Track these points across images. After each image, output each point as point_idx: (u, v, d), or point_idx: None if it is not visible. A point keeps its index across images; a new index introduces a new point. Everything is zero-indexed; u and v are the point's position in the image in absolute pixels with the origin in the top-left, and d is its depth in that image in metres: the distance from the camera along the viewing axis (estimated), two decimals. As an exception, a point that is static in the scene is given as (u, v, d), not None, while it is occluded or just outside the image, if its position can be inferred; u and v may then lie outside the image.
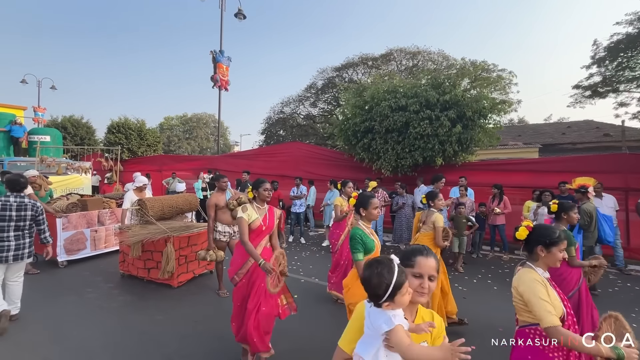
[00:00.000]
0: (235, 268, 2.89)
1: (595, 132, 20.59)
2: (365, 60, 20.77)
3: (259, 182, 3.01)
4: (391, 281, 1.17)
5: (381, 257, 1.25)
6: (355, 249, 2.43)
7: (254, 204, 2.97)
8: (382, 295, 1.18)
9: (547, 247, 1.78)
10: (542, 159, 8.55)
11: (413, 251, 1.37)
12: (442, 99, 7.26)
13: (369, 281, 1.21)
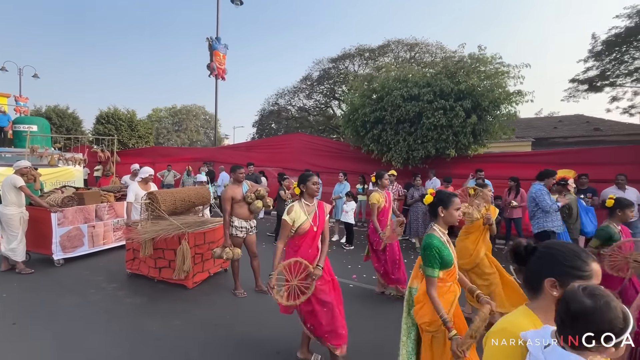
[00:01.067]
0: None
1: (586, 126, 20.91)
2: (362, 52, 20.40)
3: (306, 175, 2.72)
4: (628, 319, 0.84)
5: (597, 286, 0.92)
6: (430, 263, 1.97)
7: (302, 202, 2.67)
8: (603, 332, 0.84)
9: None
10: (556, 151, 8.46)
11: (579, 255, 1.05)
12: (456, 88, 7.03)
13: (593, 313, 0.85)
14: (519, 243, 1.16)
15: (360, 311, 3.87)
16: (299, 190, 2.71)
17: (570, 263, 1.05)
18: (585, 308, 0.86)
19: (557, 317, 0.92)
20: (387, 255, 4.15)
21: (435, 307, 1.93)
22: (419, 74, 7.87)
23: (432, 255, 1.96)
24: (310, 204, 2.70)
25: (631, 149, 6.82)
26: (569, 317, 0.88)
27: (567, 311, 0.89)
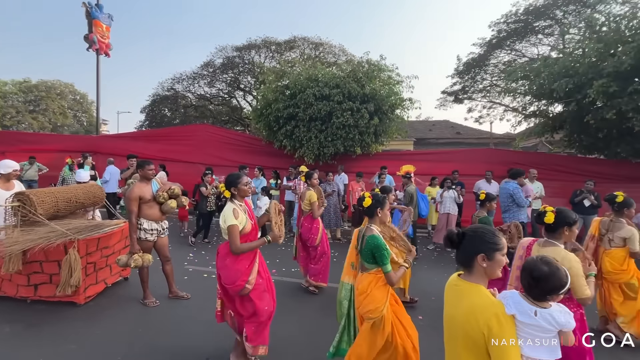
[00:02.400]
0: (244, 277, 2.51)
1: (451, 130, 25.88)
2: (269, 44, 20.18)
3: (235, 177, 2.64)
4: (567, 278, 1.27)
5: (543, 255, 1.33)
6: (386, 259, 2.23)
7: (236, 204, 2.57)
8: (557, 289, 1.26)
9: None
10: (439, 151, 10.18)
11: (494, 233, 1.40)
12: (362, 92, 7.73)
13: (552, 276, 1.26)
14: (451, 231, 1.44)
15: (285, 304, 3.97)
16: (228, 193, 2.61)
17: (491, 240, 1.33)
18: (544, 273, 1.26)
19: (524, 282, 1.31)
20: (318, 250, 4.34)
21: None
22: (329, 75, 8.34)
23: (384, 254, 2.23)
24: (242, 205, 2.64)
25: (481, 151, 8.81)
26: (534, 281, 1.27)
27: (532, 277, 1.27)
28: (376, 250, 2.25)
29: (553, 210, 2.22)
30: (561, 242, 2.18)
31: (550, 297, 1.31)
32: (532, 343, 1.24)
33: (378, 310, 2.23)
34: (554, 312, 1.28)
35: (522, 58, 16.92)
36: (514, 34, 16.05)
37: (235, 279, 2.49)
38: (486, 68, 17.92)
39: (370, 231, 2.36)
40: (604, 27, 7.09)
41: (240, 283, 2.49)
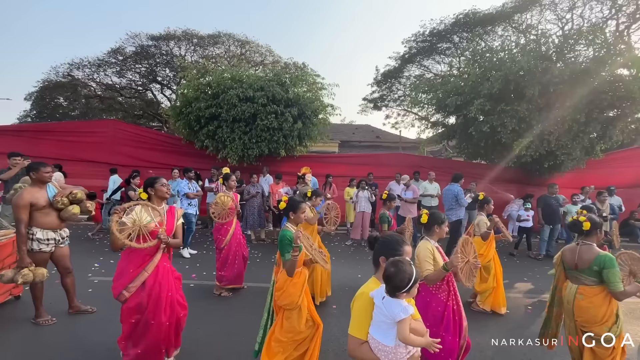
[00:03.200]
0: (124, 281, 2.39)
1: (372, 134, 28.07)
2: (190, 37, 19.00)
3: (153, 178, 2.60)
4: (412, 275, 1.50)
5: (400, 257, 1.59)
6: (286, 250, 2.46)
7: (150, 206, 2.53)
8: (404, 287, 1.49)
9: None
10: (356, 155, 11.01)
11: (398, 241, 1.75)
12: (285, 96, 7.98)
13: (394, 276, 1.49)
14: (371, 234, 1.80)
15: (206, 307, 3.97)
16: (145, 195, 2.57)
17: (393, 247, 1.73)
18: (390, 273, 1.53)
19: (383, 279, 1.58)
20: (222, 254, 4.27)
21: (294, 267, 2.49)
22: (254, 77, 8.38)
23: (287, 243, 2.48)
24: (159, 207, 2.62)
25: (392, 155, 9.92)
26: (385, 280, 1.55)
27: (384, 276, 1.56)
28: (279, 242, 2.52)
29: (427, 213, 2.70)
30: (434, 237, 2.61)
31: (399, 293, 1.50)
32: (377, 324, 1.56)
33: (293, 304, 2.49)
34: (391, 302, 1.50)
35: (429, 73, 19.34)
36: (422, 51, 18.24)
37: (115, 281, 2.45)
38: (400, 79, 19.96)
39: (284, 227, 2.64)
40: (484, 56, 8.68)
41: (118, 287, 2.44)
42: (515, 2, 15.61)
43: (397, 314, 1.47)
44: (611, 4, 14.18)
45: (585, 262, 2.49)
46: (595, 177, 8.64)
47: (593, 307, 2.43)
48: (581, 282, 2.54)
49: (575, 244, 2.64)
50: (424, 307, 2.40)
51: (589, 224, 2.56)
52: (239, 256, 4.37)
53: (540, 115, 7.47)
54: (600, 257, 2.41)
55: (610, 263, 2.37)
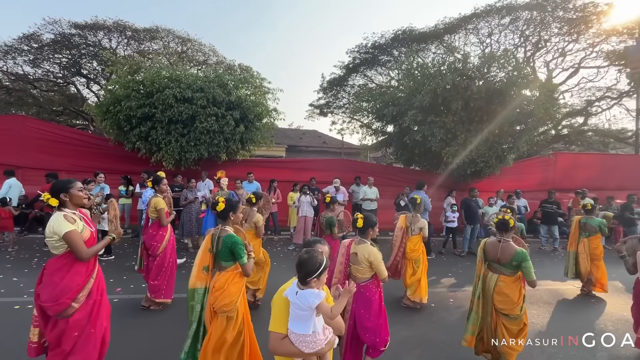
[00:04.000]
0: (72, 294, 2.18)
1: (318, 139, 28.58)
2: (123, 29, 17.46)
3: (65, 182, 2.33)
4: (323, 262, 1.62)
5: (311, 246, 1.68)
6: (243, 253, 2.56)
7: (67, 212, 2.27)
8: (314, 272, 1.59)
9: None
10: (300, 160, 11.08)
11: (317, 241, 1.91)
12: (227, 99, 7.76)
13: (306, 261, 1.61)
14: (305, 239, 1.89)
15: (132, 323, 3.66)
16: (55, 201, 2.27)
17: (311, 245, 1.88)
18: (303, 259, 1.65)
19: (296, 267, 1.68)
20: (157, 261, 3.99)
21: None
22: (193, 77, 8.00)
23: (241, 249, 2.55)
24: (76, 213, 2.35)
25: (335, 161, 10.22)
26: (298, 267, 1.66)
27: (297, 264, 1.66)
28: (234, 247, 2.54)
29: (362, 217, 2.90)
30: (368, 238, 2.85)
31: (310, 279, 1.64)
32: (295, 319, 1.67)
33: (232, 303, 2.47)
34: (305, 293, 1.62)
35: (372, 83, 20.38)
36: (365, 62, 19.18)
37: (60, 295, 2.16)
38: (345, 87, 20.71)
39: (226, 232, 2.62)
40: (416, 71, 9.44)
41: (66, 301, 2.17)
42: (445, 25, 17.29)
43: (312, 301, 1.58)
44: (520, 34, 16.49)
45: (507, 258, 2.88)
46: (507, 182, 9.90)
47: (511, 292, 2.88)
48: (501, 272, 2.95)
49: (497, 240, 2.99)
50: (368, 304, 2.69)
51: (513, 222, 2.98)
52: (173, 264, 4.12)
53: (464, 127, 8.35)
54: (518, 253, 2.83)
55: (525, 258, 2.82)
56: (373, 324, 2.67)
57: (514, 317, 2.87)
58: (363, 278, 2.75)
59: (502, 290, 2.89)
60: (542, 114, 8.38)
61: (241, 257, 2.54)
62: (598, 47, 15.65)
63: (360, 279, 2.75)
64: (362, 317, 2.68)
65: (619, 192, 9.93)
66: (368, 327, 2.66)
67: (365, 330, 2.67)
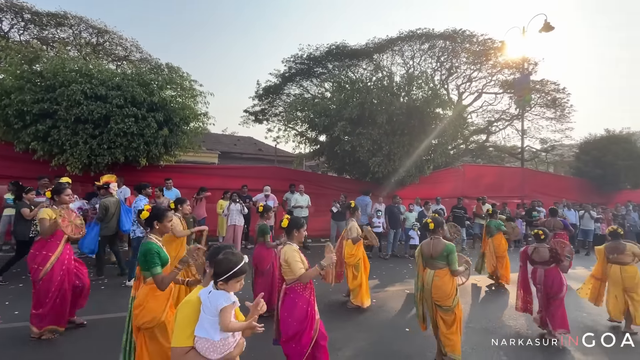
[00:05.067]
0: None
1: (254, 146, 28.03)
2: (19, 10, 14.94)
3: None
4: (235, 267, 1.57)
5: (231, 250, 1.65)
6: (154, 263, 2.34)
7: None
8: (221, 274, 1.53)
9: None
10: (228, 166, 10.70)
11: (226, 246, 1.80)
12: (149, 99, 7.16)
13: (219, 262, 1.56)
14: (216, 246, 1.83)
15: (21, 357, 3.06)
16: None
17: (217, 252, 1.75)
18: (218, 260, 1.61)
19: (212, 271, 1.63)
20: (40, 287, 3.34)
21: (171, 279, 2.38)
22: (108, 72, 7.21)
23: (154, 255, 2.35)
24: None
25: (267, 168, 10.15)
26: (215, 266, 1.61)
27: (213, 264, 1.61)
28: (145, 255, 2.35)
29: (288, 218, 2.97)
30: (294, 241, 2.89)
31: (221, 280, 1.58)
32: (202, 324, 1.59)
33: (155, 320, 2.32)
34: (217, 294, 1.59)
35: (307, 93, 20.84)
36: (301, 72, 19.57)
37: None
38: (281, 96, 20.80)
39: (146, 239, 2.47)
40: (346, 85, 9.97)
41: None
42: (375, 44, 18.68)
43: (220, 303, 1.55)
44: (437, 59, 18.67)
45: (438, 251, 3.27)
46: (425, 190, 10.97)
47: (444, 285, 3.21)
48: (436, 267, 3.29)
49: (430, 239, 3.39)
50: (291, 307, 2.65)
51: (432, 224, 3.37)
52: (65, 289, 3.45)
53: (388, 139, 9.06)
54: (447, 246, 3.26)
55: (453, 250, 3.25)
56: (294, 329, 2.57)
57: (447, 308, 3.19)
58: (289, 279, 2.75)
59: (437, 284, 3.23)
60: (453, 131, 9.57)
61: (150, 267, 2.32)
62: (495, 76, 18.56)
63: (288, 281, 2.76)
64: (284, 320, 2.63)
65: (510, 198, 11.79)
66: (287, 332, 2.59)
67: (285, 334, 2.61)
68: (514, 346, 3.83)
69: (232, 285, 1.62)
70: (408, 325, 4.20)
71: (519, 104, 14.20)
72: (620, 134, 15.91)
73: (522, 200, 12.08)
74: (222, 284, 1.60)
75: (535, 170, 17.96)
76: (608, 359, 3.60)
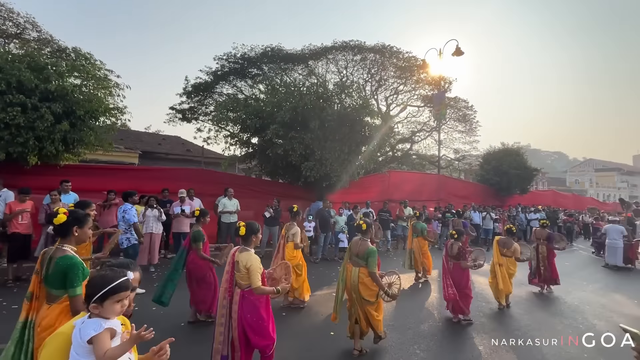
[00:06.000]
0: None
1: (182, 147, 25.98)
2: None
3: None
4: (110, 283, 1.29)
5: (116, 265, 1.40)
6: (78, 282, 1.98)
7: None
8: (93, 295, 1.26)
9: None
10: (146, 168, 9.66)
11: (122, 265, 1.54)
12: (43, 86, 6.05)
13: (93, 279, 1.32)
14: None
15: None
16: None
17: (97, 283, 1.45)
18: (91, 278, 1.40)
19: None
20: None
21: None
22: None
23: (77, 275, 1.99)
24: None
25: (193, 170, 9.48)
26: (86, 287, 1.38)
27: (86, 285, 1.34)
28: (69, 271, 1.99)
29: (244, 225, 2.97)
30: (251, 246, 2.95)
31: (94, 303, 1.32)
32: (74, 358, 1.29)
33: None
34: (89, 322, 1.31)
35: (241, 94, 20.14)
36: (234, 72, 18.84)
37: None
38: (213, 95, 19.72)
39: (62, 252, 2.07)
40: (280, 88, 9.86)
41: None
42: (310, 51, 18.99)
43: (87, 333, 1.26)
44: (368, 71, 19.79)
45: (362, 252, 3.57)
46: (354, 195, 11.41)
47: (369, 282, 3.53)
48: (359, 265, 3.59)
49: (359, 239, 3.72)
50: (252, 308, 2.78)
51: (365, 225, 3.70)
52: None
53: (320, 144, 9.19)
54: (369, 249, 3.54)
55: (373, 254, 3.51)
56: (260, 327, 2.78)
57: (373, 302, 3.57)
58: (246, 284, 2.80)
59: (363, 281, 3.54)
60: (381, 139, 10.14)
61: (73, 286, 1.97)
62: (418, 91, 20.43)
63: (243, 285, 2.81)
64: (249, 321, 2.77)
65: (429, 201, 12.99)
66: (255, 329, 2.77)
67: (253, 332, 2.77)
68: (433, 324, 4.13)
69: (109, 308, 1.33)
70: (334, 329, 4.22)
71: (436, 117, 15.79)
72: (512, 148, 18.85)
73: (438, 203, 13.41)
74: (95, 307, 1.32)
75: (449, 177, 20.15)
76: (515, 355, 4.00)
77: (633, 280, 7.96)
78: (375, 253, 3.52)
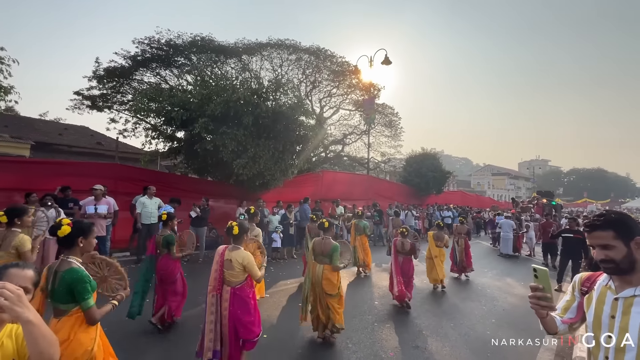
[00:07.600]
0: None
1: (90, 139, 22.55)
2: None
3: None
4: None
5: None
6: (87, 293, 1.98)
7: None
8: None
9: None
10: (40, 160, 8.11)
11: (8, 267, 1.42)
12: None
13: None
14: None
15: None
16: None
17: None
18: None
19: None
20: None
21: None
22: None
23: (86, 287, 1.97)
24: None
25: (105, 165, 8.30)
26: None
27: None
28: (77, 285, 1.97)
29: (236, 225, 3.08)
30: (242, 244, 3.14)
31: None
32: None
33: (87, 354, 2.02)
34: None
35: (166, 84, 18.35)
36: (158, 59, 17.08)
37: None
38: (131, 82, 17.58)
39: (68, 264, 2.03)
40: (210, 80, 9.25)
41: None
42: (244, 45, 18.31)
43: None
44: (302, 71, 19.93)
45: (328, 250, 3.81)
46: (288, 194, 11.36)
47: (332, 277, 3.81)
48: (324, 262, 3.83)
49: (321, 238, 3.93)
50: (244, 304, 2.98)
51: (327, 223, 3.94)
52: None
53: (254, 141, 8.88)
54: (334, 246, 3.80)
55: (337, 250, 3.77)
56: (249, 319, 2.98)
57: (335, 294, 3.83)
58: (237, 281, 2.99)
59: (327, 277, 3.81)
60: (315, 139, 10.26)
61: (84, 298, 1.97)
62: (350, 95, 21.33)
63: (234, 283, 2.99)
64: (239, 316, 2.95)
65: (359, 201, 13.64)
66: (245, 323, 2.96)
67: (242, 326, 2.95)
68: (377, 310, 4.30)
69: None
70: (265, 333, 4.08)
71: (367, 121, 16.69)
72: (430, 152, 20.97)
73: (368, 202, 14.19)
74: None
75: (377, 178, 21.50)
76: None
77: (520, 266, 9.52)
78: (338, 249, 3.83)
